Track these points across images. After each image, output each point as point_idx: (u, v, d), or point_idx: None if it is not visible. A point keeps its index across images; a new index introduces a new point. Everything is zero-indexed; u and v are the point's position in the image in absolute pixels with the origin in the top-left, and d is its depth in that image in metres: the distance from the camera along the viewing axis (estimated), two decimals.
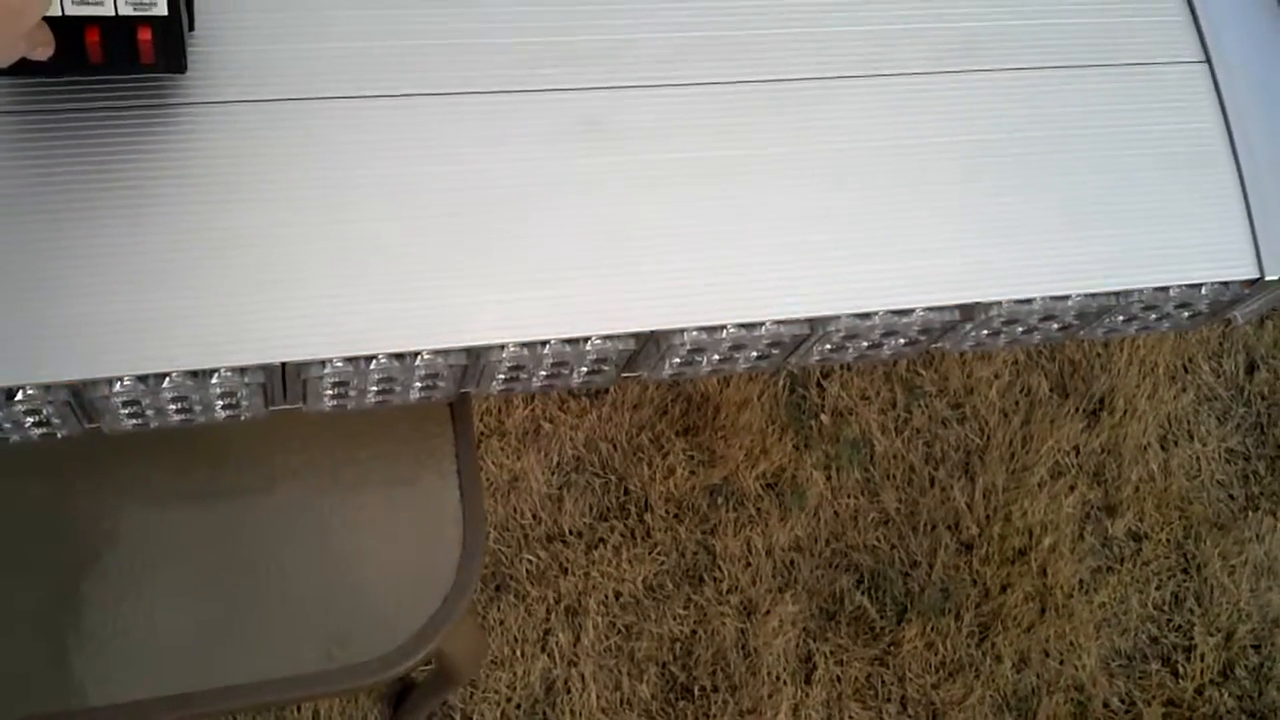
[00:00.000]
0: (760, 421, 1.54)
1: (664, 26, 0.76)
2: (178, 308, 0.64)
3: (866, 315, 0.74)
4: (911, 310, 0.75)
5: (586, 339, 0.70)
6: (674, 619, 1.44)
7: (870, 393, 1.58)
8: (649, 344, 0.73)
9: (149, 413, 0.68)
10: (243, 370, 0.66)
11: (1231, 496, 1.62)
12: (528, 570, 1.43)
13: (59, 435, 0.68)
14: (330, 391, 0.70)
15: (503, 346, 0.69)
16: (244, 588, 0.80)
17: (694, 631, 1.44)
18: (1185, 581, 1.57)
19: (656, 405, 1.52)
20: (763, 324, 0.73)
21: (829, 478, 1.53)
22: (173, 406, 0.68)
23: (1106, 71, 0.82)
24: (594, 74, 0.74)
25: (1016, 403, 1.61)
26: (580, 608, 1.42)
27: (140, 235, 0.65)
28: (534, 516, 1.45)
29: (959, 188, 0.76)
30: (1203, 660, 1.53)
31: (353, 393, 0.71)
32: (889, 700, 1.46)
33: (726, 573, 1.47)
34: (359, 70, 0.71)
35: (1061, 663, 1.50)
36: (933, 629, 1.48)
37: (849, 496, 1.53)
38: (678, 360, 0.76)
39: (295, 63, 0.70)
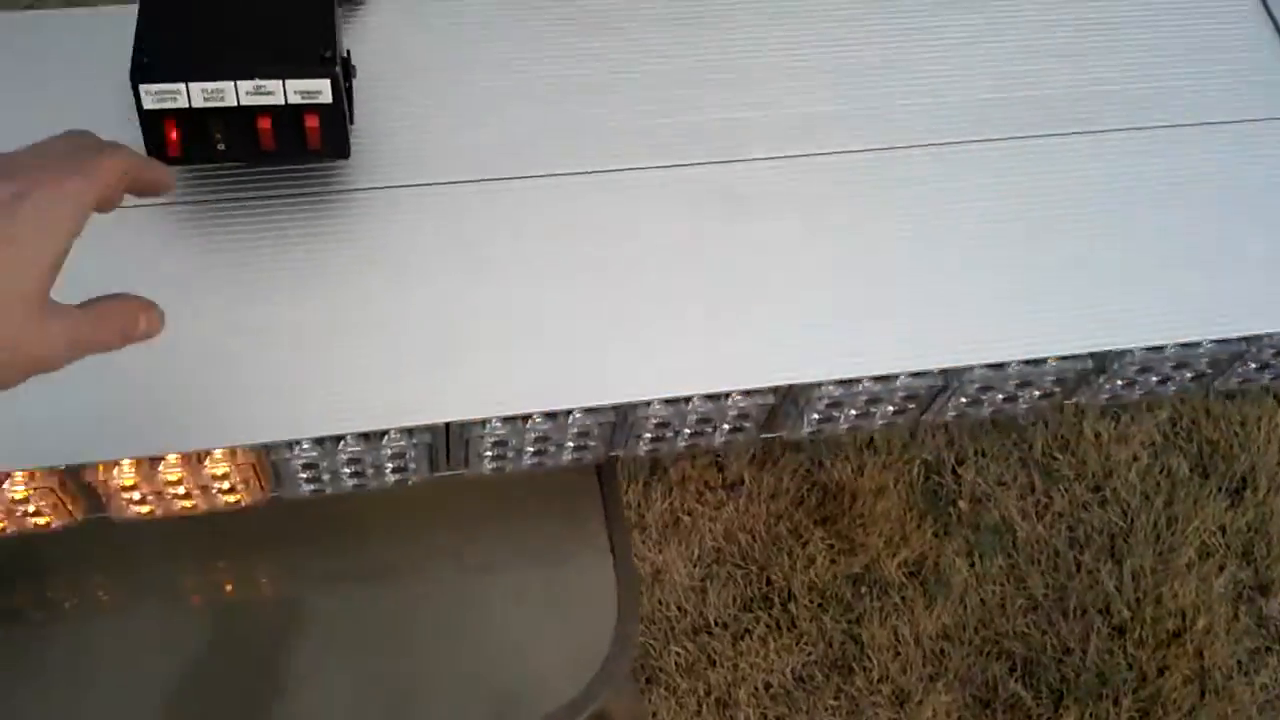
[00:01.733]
0: (898, 509, 1.53)
1: (788, 104, 0.80)
2: (348, 374, 0.68)
3: (1000, 366, 0.76)
4: (1044, 360, 0.76)
5: (728, 395, 0.73)
6: (826, 710, 1.43)
7: (1007, 478, 1.57)
8: (788, 401, 0.75)
9: (325, 477, 0.72)
10: (410, 432, 0.69)
11: None
12: (676, 663, 1.43)
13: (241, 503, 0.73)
14: (490, 452, 0.74)
15: (649, 403, 0.72)
16: (414, 656, 0.83)
17: None
18: None
19: (793, 495, 1.53)
20: (897, 377, 0.75)
21: (972, 565, 1.52)
22: (347, 470, 0.72)
23: (1231, 127, 0.84)
24: (727, 148, 0.78)
25: (1157, 484, 1.58)
26: (731, 700, 1.42)
27: (307, 310, 0.69)
28: (679, 609, 1.46)
29: (1084, 241, 0.78)
30: None
31: (510, 453, 0.74)
32: None
33: (876, 662, 1.45)
34: (508, 154, 0.76)
35: None
36: (1091, 715, 1.44)
37: (994, 583, 1.51)
38: (815, 416, 0.78)
39: (447, 149, 0.75)
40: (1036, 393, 0.81)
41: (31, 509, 0.68)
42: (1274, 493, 1.58)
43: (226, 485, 0.71)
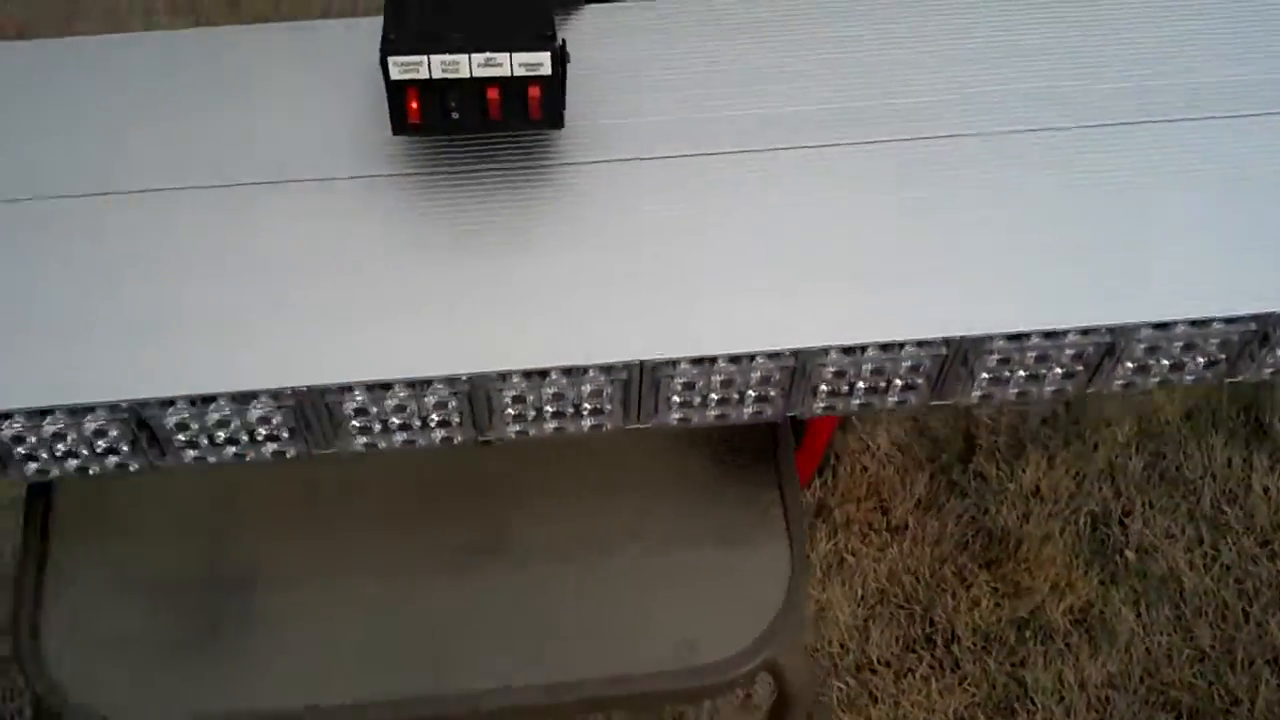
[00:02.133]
0: (1064, 556, 1.54)
1: (961, 87, 0.86)
2: (555, 320, 0.76)
3: (1166, 325, 0.79)
4: (1209, 321, 0.80)
5: (902, 345, 0.78)
6: None
7: (1175, 530, 1.57)
8: (957, 359, 0.80)
9: (529, 414, 0.79)
10: (609, 370, 0.76)
11: None
12: (838, 698, 1.45)
13: (455, 440, 0.80)
14: (678, 398, 0.80)
15: (826, 350, 0.77)
16: (608, 593, 0.89)
17: None
18: None
19: (957, 540, 1.55)
20: (1067, 333, 0.79)
21: (1138, 614, 1.51)
22: (550, 409, 0.79)
23: None
24: (905, 128, 0.84)
25: None
26: None
27: (519, 269, 0.78)
28: (841, 646, 1.49)
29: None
30: None
31: (696, 399, 0.81)
32: None
33: (1040, 705, 1.45)
34: (705, 131, 0.84)
35: None
36: None
37: (1161, 633, 1.50)
38: (985, 377, 0.82)
39: (651, 125, 0.83)
40: (1201, 360, 0.84)
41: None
42: None
43: (438, 418, 0.79)
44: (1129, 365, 0.83)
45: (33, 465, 0.79)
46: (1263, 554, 1.55)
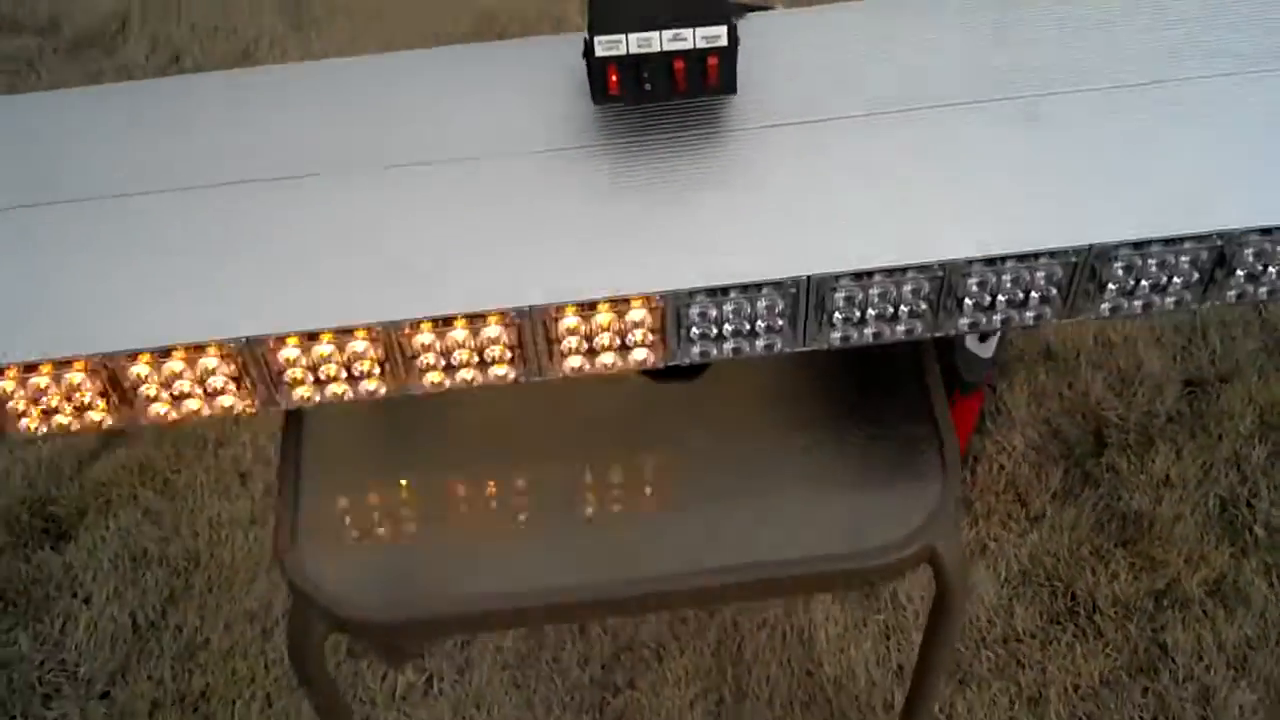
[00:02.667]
0: (1195, 534, 1.62)
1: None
2: (734, 245, 0.90)
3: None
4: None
5: (1037, 255, 0.91)
6: (1134, 706, 1.50)
7: None
8: (1086, 271, 0.92)
9: (711, 332, 0.93)
10: (779, 285, 0.90)
11: None
12: (987, 666, 1.54)
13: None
14: (840, 314, 0.93)
15: (970, 263, 0.90)
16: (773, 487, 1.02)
17: (1155, 717, 1.50)
18: None
19: (1093, 524, 1.64)
20: (1184, 241, 0.91)
21: (1270, 584, 1.58)
22: (729, 327, 0.93)
23: None
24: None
25: None
26: (1041, 698, 1.52)
27: (704, 205, 0.92)
28: (989, 621, 1.58)
29: None
30: None
31: (855, 313, 0.94)
32: None
33: (1181, 665, 1.53)
34: (861, 93, 0.98)
35: None
36: None
37: None
38: (1114, 288, 0.94)
39: (814, 91, 0.98)
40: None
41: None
42: None
43: (639, 336, 0.93)
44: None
45: (299, 391, 0.94)
46: None
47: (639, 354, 0.95)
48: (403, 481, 1.11)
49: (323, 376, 0.92)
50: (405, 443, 1.13)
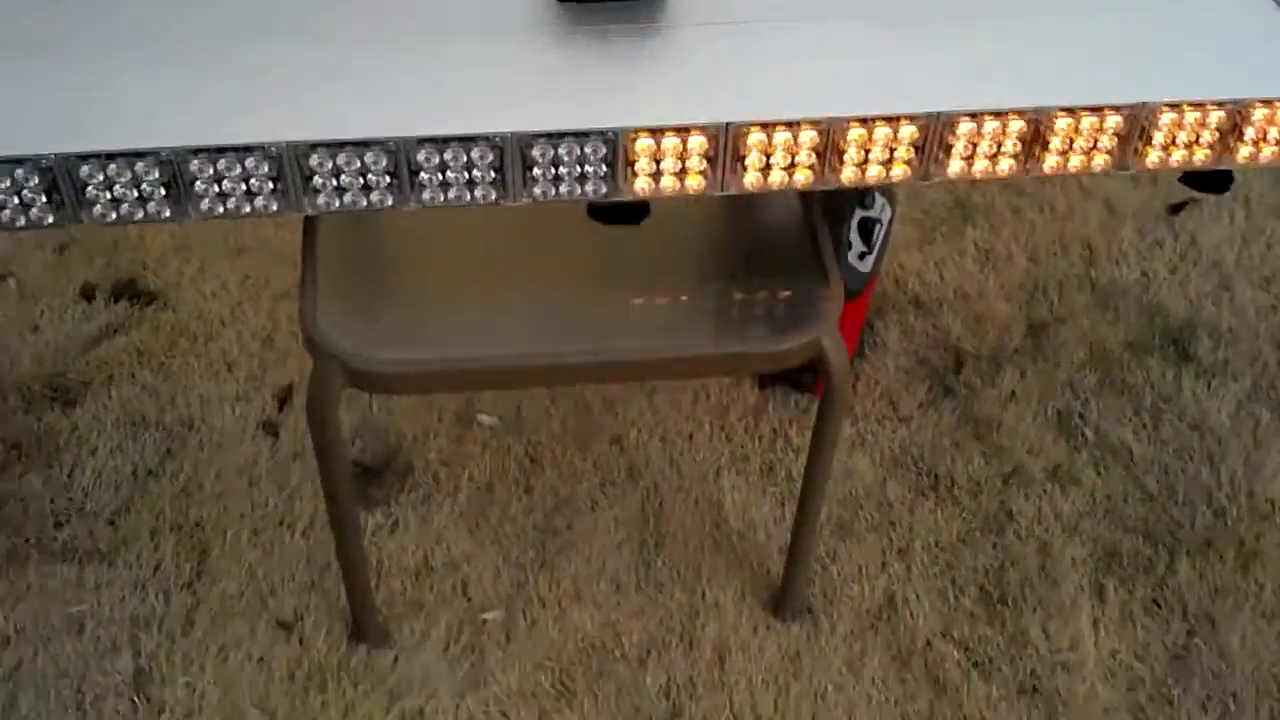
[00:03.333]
0: (1037, 433, 1.95)
1: None
2: (668, 96, 1.22)
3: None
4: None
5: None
6: (985, 555, 1.81)
7: (1123, 420, 1.98)
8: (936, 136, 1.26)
9: (651, 170, 1.25)
10: (704, 128, 1.23)
11: None
12: (864, 525, 1.84)
13: None
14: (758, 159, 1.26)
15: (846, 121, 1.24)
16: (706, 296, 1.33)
17: (1002, 564, 1.80)
18: None
19: (952, 424, 1.97)
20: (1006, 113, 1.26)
21: (1099, 472, 1.92)
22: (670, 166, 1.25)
23: None
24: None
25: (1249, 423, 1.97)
26: (909, 549, 1.82)
27: (642, 58, 1.25)
28: (865, 493, 1.88)
29: None
30: None
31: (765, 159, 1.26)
32: (1171, 614, 1.75)
33: (1024, 526, 1.84)
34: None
35: None
36: (1201, 565, 1.79)
37: (1118, 484, 1.90)
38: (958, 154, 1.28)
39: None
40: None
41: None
42: None
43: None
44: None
45: (320, 197, 1.20)
46: (1194, 433, 1.97)
47: (584, 187, 1.23)
48: (400, 273, 1.41)
49: (344, 185, 1.18)
50: (403, 247, 1.43)
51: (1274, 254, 2.27)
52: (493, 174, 1.20)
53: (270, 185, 1.17)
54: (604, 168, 1.21)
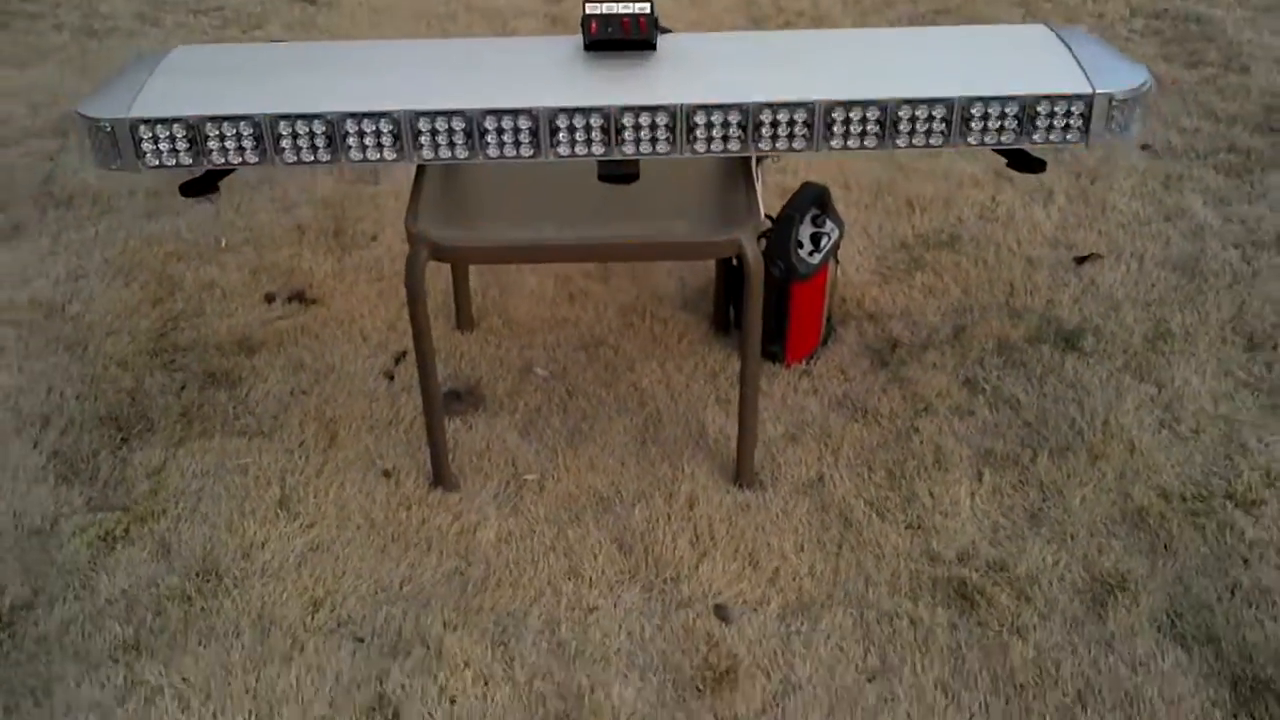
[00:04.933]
0: (947, 386, 2.58)
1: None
2: (645, 87, 2.02)
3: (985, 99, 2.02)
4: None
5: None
6: (900, 452, 2.42)
7: (1017, 386, 2.60)
8: (822, 117, 2.02)
9: (633, 138, 2.03)
10: (668, 109, 2.01)
11: None
12: (809, 434, 2.47)
13: None
14: (718, 134, 2.04)
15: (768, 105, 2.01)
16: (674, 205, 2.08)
17: (905, 459, 2.41)
18: None
19: (883, 382, 2.61)
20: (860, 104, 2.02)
21: (992, 410, 2.53)
22: (644, 135, 2.03)
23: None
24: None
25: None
26: (839, 451, 2.44)
27: (640, 70, 2.05)
28: (810, 421, 2.52)
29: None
30: None
31: (730, 135, 2.04)
32: (1030, 488, 2.33)
33: (927, 439, 2.45)
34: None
35: None
36: (1059, 461, 2.37)
37: (1009, 425, 2.50)
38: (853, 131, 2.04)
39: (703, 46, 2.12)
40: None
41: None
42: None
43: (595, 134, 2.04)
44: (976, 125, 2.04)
45: (425, 150, 2.01)
46: (1069, 390, 2.57)
47: (573, 148, 2.04)
48: (467, 198, 2.19)
49: (441, 143, 2.00)
50: (472, 185, 2.21)
51: (1157, 290, 2.89)
52: (530, 136, 1.98)
53: (392, 140, 1.97)
54: (600, 134, 1.99)
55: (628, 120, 1.95)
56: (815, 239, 2.61)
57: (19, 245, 3.10)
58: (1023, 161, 2.20)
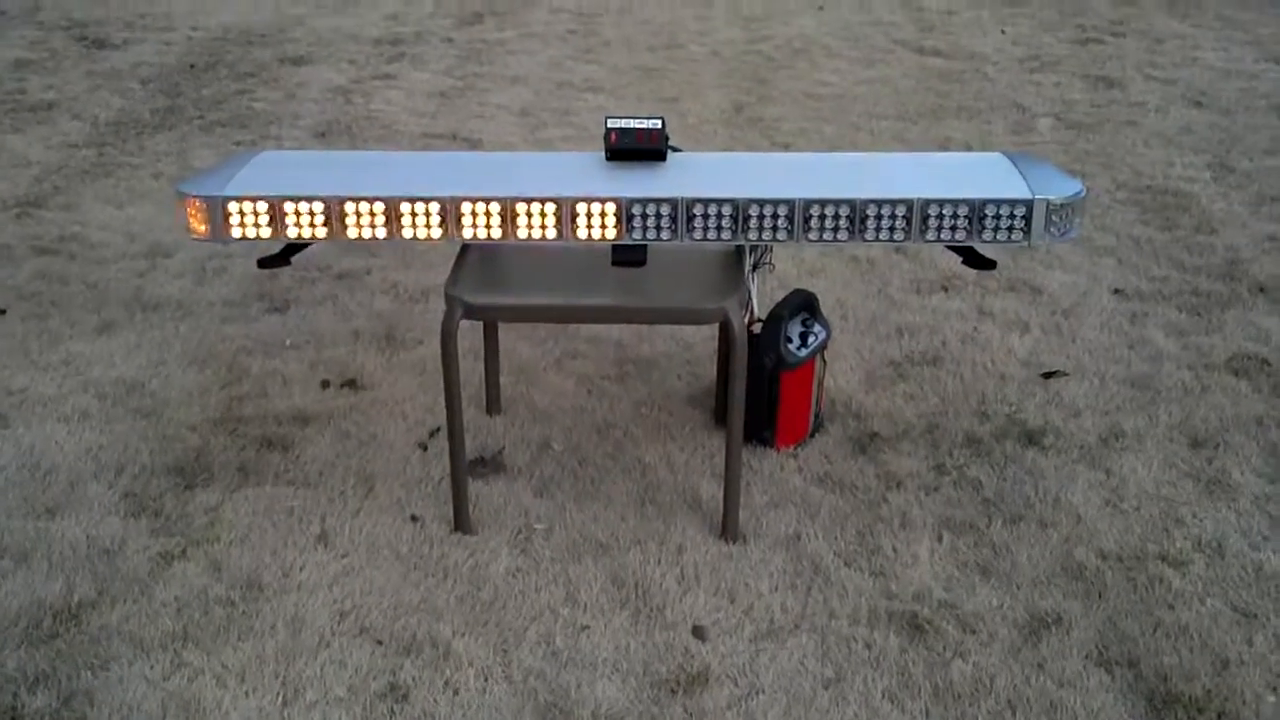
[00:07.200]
0: (916, 467, 2.85)
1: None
2: (663, 188, 2.41)
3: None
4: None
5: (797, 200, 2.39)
6: (863, 518, 2.67)
7: (982, 466, 2.86)
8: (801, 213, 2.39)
9: (615, 225, 2.41)
10: (676, 201, 2.39)
11: None
12: (789, 503, 2.74)
13: None
14: (727, 224, 2.40)
15: (759, 201, 2.38)
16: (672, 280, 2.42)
17: (874, 523, 2.66)
18: None
19: (851, 465, 2.88)
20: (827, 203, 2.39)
21: (955, 490, 2.78)
22: (653, 223, 2.41)
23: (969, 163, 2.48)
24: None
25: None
26: (816, 515, 2.70)
27: (652, 175, 2.43)
28: (792, 491, 2.79)
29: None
30: None
31: (739, 228, 2.40)
32: (983, 546, 2.56)
33: (895, 508, 2.71)
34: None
35: None
36: (1014, 528, 2.61)
37: (967, 495, 2.76)
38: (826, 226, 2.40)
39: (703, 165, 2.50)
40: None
41: None
42: None
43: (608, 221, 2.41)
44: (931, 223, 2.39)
45: (466, 230, 2.39)
46: (1029, 477, 2.82)
47: (587, 231, 2.41)
48: (498, 270, 2.54)
49: (479, 225, 2.38)
50: (503, 260, 2.57)
51: (1115, 401, 3.16)
52: (555, 220, 2.35)
53: (439, 220, 2.35)
54: (614, 219, 2.35)
55: (636, 210, 2.31)
56: (803, 336, 2.92)
57: (110, 339, 3.48)
58: (975, 260, 2.53)
